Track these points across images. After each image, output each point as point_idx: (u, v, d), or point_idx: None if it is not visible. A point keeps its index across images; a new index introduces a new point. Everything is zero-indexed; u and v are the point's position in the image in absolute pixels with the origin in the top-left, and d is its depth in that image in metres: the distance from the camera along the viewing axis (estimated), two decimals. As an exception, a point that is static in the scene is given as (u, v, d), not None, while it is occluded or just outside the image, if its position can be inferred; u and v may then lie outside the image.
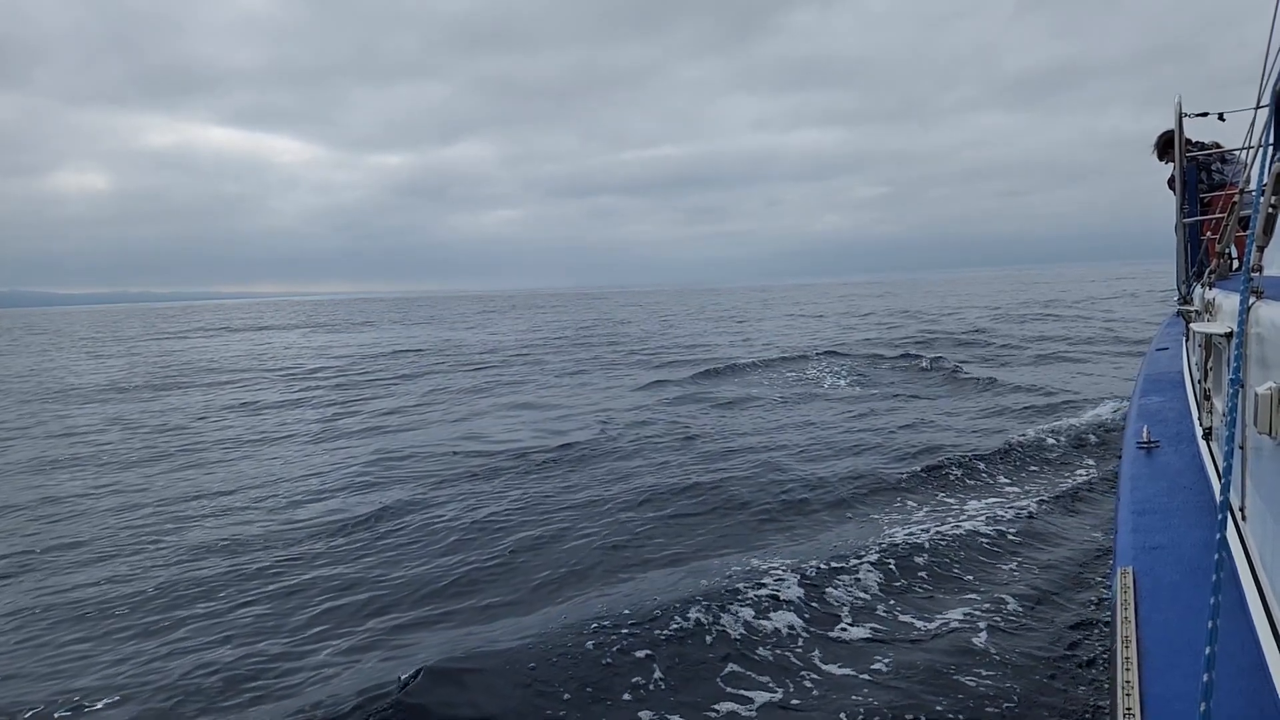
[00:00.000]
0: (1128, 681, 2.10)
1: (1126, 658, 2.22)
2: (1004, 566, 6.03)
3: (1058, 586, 5.64)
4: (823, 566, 5.83)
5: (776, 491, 8.22)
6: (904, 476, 8.54)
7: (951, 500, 7.77)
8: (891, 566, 5.93)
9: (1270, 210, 2.55)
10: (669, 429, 11.75)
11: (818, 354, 20.85)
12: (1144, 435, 4.42)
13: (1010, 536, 6.58)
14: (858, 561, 5.94)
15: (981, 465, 8.88)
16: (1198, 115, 6.76)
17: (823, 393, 15.02)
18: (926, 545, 6.29)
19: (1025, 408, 12.45)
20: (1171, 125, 6.78)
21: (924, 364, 18.24)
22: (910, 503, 7.78)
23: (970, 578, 5.86)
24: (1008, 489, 8.06)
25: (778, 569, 5.83)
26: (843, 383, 15.99)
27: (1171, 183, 7.44)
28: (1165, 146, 7.79)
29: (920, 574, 5.87)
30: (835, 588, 5.57)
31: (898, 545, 6.27)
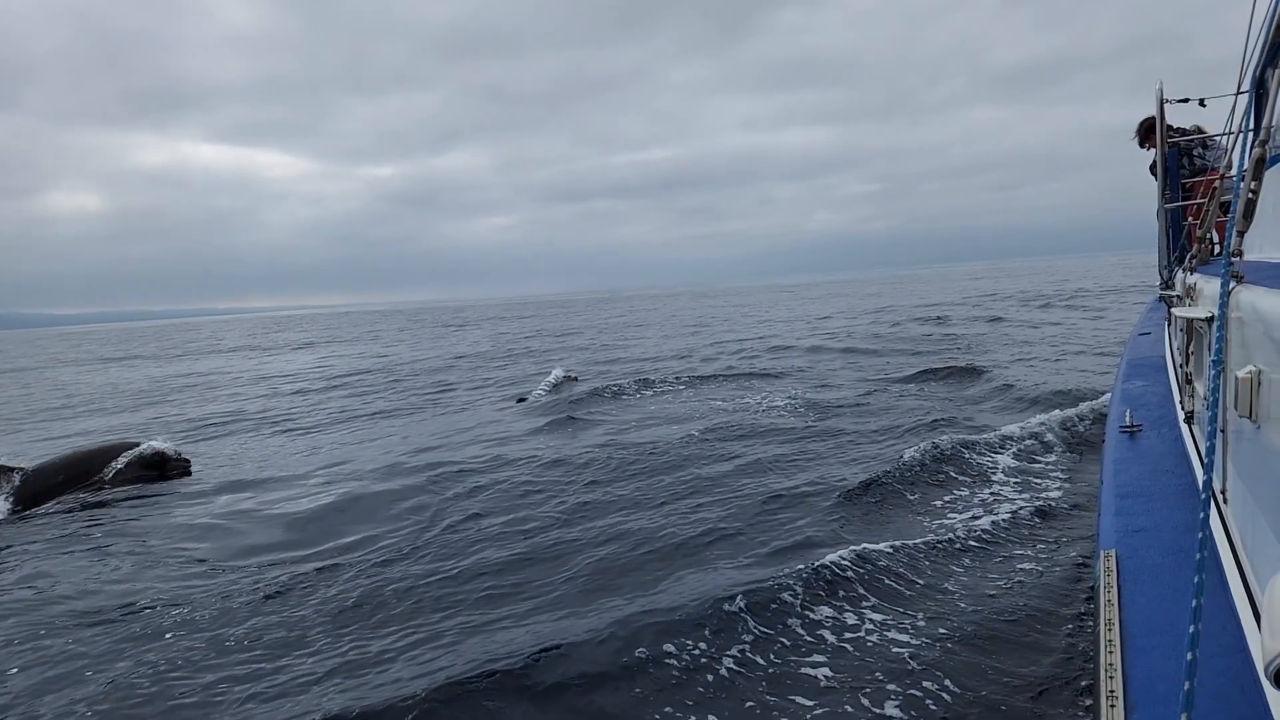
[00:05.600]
0: (1110, 664, 2.10)
1: (1109, 640, 2.21)
2: (989, 558, 5.94)
3: (1039, 571, 5.58)
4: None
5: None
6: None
7: (926, 503, 7.69)
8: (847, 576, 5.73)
9: (1251, 195, 2.56)
10: (482, 492, 8.80)
11: (761, 368, 18.93)
12: (1126, 419, 4.44)
13: (997, 525, 6.51)
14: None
15: (949, 466, 8.44)
16: (1179, 101, 6.80)
17: (753, 417, 12.48)
18: (893, 552, 6.06)
19: (1000, 402, 12.30)
20: (1154, 112, 6.82)
21: (883, 367, 17.41)
22: (865, 515, 7.16)
23: (955, 568, 5.79)
24: (993, 483, 7.99)
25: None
26: (778, 402, 13.98)
27: (1154, 169, 7.47)
28: (1147, 133, 7.83)
29: (896, 574, 5.75)
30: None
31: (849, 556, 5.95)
